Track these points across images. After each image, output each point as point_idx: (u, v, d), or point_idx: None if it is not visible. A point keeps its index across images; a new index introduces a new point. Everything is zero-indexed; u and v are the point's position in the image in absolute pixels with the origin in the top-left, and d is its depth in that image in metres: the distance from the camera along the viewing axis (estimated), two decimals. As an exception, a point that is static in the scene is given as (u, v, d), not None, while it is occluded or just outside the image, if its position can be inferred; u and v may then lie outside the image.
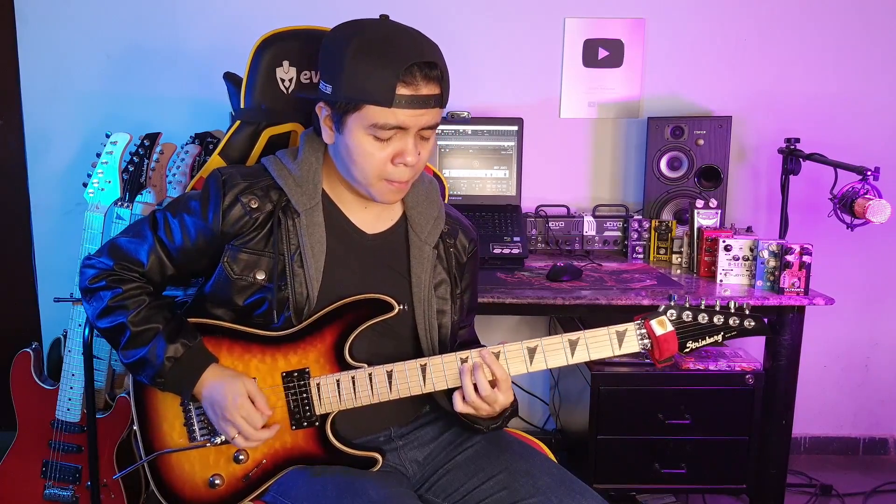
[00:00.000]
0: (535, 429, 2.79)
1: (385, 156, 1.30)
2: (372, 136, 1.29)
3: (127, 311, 1.37)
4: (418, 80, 1.26)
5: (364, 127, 1.28)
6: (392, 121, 1.27)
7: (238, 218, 1.36)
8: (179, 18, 2.54)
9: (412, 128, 1.29)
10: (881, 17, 2.58)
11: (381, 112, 1.26)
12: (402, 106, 1.25)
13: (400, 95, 1.25)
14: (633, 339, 1.32)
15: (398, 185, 1.34)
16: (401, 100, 1.25)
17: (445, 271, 1.46)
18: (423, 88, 1.26)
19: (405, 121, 1.27)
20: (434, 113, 1.30)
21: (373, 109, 1.26)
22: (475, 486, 1.37)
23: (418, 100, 1.26)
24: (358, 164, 1.32)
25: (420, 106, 1.27)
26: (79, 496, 2.17)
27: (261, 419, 1.32)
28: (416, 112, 1.27)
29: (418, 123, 1.29)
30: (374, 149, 1.30)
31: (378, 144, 1.29)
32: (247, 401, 1.32)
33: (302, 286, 1.36)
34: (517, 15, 2.58)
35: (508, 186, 2.50)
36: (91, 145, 2.37)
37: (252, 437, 1.33)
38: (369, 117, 1.27)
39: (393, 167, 1.31)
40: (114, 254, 1.41)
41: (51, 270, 2.65)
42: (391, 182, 1.33)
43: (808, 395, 2.65)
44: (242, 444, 1.33)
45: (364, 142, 1.30)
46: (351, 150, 1.31)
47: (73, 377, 2.12)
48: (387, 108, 1.25)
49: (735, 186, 2.62)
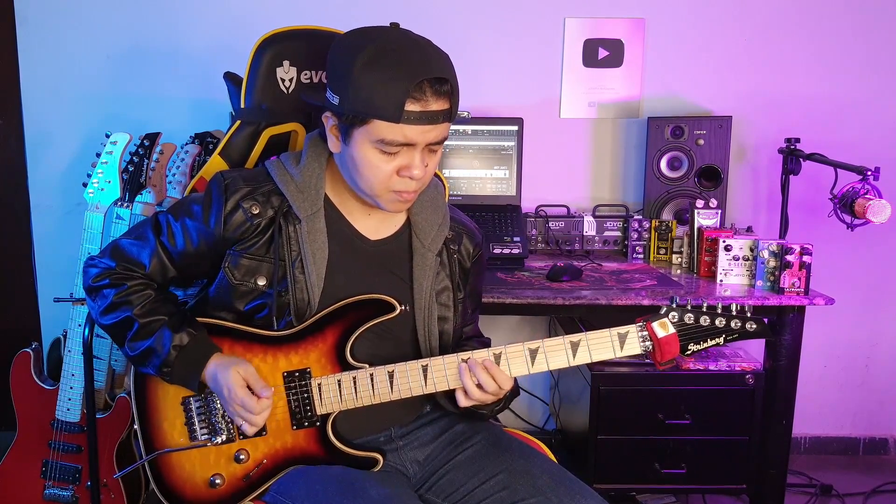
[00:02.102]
0: (535, 429, 2.79)
1: (391, 168, 1.29)
2: (378, 150, 1.28)
3: (132, 305, 1.38)
4: (428, 96, 1.24)
5: (371, 141, 1.27)
6: (399, 137, 1.25)
7: (239, 224, 1.36)
8: (180, 18, 2.53)
9: (420, 143, 1.28)
10: (881, 18, 2.58)
11: (388, 128, 1.24)
12: (411, 122, 1.24)
13: (409, 112, 1.23)
14: (634, 341, 1.32)
15: (405, 196, 1.34)
16: (409, 116, 1.23)
17: (448, 278, 1.46)
18: (433, 104, 1.25)
19: (413, 137, 1.26)
20: (443, 128, 1.29)
21: (380, 124, 1.25)
22: (475, 486, 1.37)
23: (427, 116, 1.25)
24: (364, 176, 1.31)
25: (429, 122, 1.25)
26: (79, 496, 2.17)
27: (257, 405, 1.31)
28: (424, 128, 1.25)
29: (426, 139, 1.28)
30: (381, 161, 1.29)
31: (384, 157, 1.28)
32: (239, 390, 1.31)
33: (303, 292, 1.36)
34: (517, 15, 2.58)
35: (508, 186, 2.50)
36: (91, 145, 2.37)
37: (256, 423, 1.33)
38: (376, 132, 1.25)
39: (399, 179, 1.30)
40: (116, 255, 1.42)
41: (51, 270, 2.64)
42: (398, 193, 1.32)
43: (808, 395, 2.65)
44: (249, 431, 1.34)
45: (370, 155, 1.28)
46: (357, 162, 1.30)
47: (73, 377, 2.12)
48: (395, 124, 1.24)
49: (735, 186, 2.62)
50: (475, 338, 1.57)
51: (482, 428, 1.47)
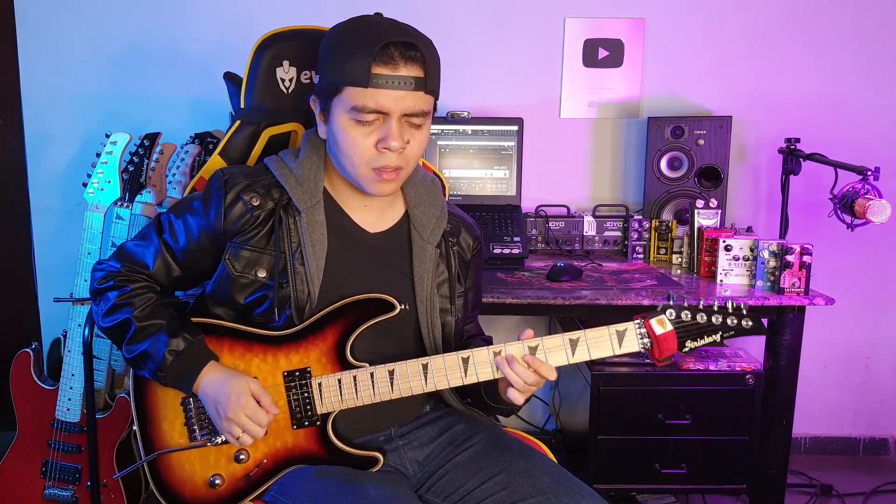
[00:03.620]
0: (535, 429, 2.80)
1: (370, 142, 1.30)
2: (354, 121, 1.29)
3: (133, 307, 1.39)
4: (396, 59, 1.25)
5: (346, 111, 1.28)
6: (371, 103, 1.26)
7: (240, 215, 1.37)
8: (179, 18, 2.54)
9: (394, 112, 1.28)
10: (882, 18, 2.58)
11: (359, 93, 1.26)
12: (380, 86, 1.25)
13: (376, 74, 1.25)
14: (633, 338, 1.32)
15: (388, 175, 1.33)
16: (378, 79, 1.25)
17: (448, 270, 1.46)
18: (402, 69, 1.26)
19: (385, 104, 1.27)
20: (417, 97, 1.29)
21: (352, 91, 1.27)
22: (475, 487, 1.37)
23: (396, 80, 1.26)
24: (345, 152, 1.32)
25: (399, 87, 1.26)
26: (79, 496, 2.17)
27: (267, 417, 1.32)
28: (395, 94, 1.26)
29: (400, 108, 1.28)
30: (358, 134, 1.29)
31: (361, 129, 1.29)
32: (251, 399, 1.32)
33: (303, 284, 1.36)
34: (517, 15, 2.58)
35: (508, 186, 2.50)
36: (91, 145, 2.37)
37: (258, 435, 1.33)
38: (350, 99, 1.27)
39: (379, 154, 1.31)
40: (121, 257, 1.43)
41: (51, 270, 2.65)
42: (380, 172, 1.32)
43: (808, 395, 2.65)
44: (248, 442, 1.34)
45: (347, 127, 1.30)
46: (338, 139, 1.32)
47: (72, 377, 2.12)
48: (364, 89, 1.25)
49: (735, 186, 2.62)
50: (477, 336, 1.58)
51: (482, 428, 1.47)
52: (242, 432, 1.32)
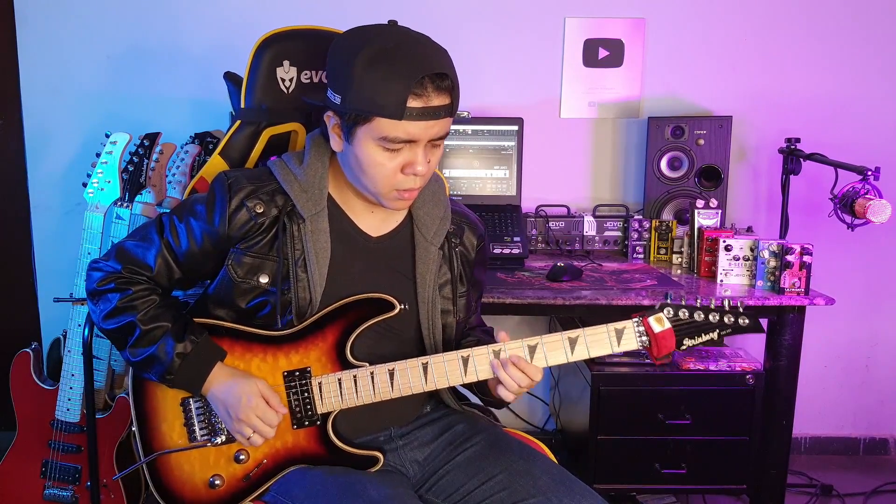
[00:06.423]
0: (535, 429, 2.79)
1: (395, 166, 1.30)
2: (382, 148, 1.28)
3: (136, 310, 1.38)
4: (429, 92, 1.24)
5: (374, 139, 1.27)
6: (402, 134, 1.26)
7: (244, 222, 1.36)
8: (179, 18, 2.53)
9: (423, 139, 1.28)
10: (882, 18, 2.58)
11: (391, 125, 1.25)
12: (413, 119, 1.24)
13: (411, 108, 1.23)
14: (631, 336, 1.33)
15: (408, 195, 1.34)
16: (412, 112, 1.24)
17: (450, 271, 1.46)
18: (434, 100, 1.25)
19: (416, 133, 1.26)
20: (444, 123, 1.29)
21: (383, 122, 1.25)
22: (475, 487, 1.37)
23: (429, 112, 1.25)
24: (368, 175, 1.31)
25: (431, 118, 1.26)
26: (78, 496, 2.17)
27: (276, 417, 1.33)
28: (426, 124, 1.26)
29: (429, 135, 1.28)
30: (384, 159, 1.29)
31: (388, 155, 1.29)
32: (261, 401, 1.32)
33: (305, 290, 1.36)
34: (517, 15, 2.58)
35: (508, 186, 2.50)
36: (91, 145, 2.37)
37: (269, 435, 1.34)
38: (379, 130, 1.26)
39: (403, 176, 1.31)
40: (121, 257, 1.41)
41: (51, 270, 2.64)
42: (401, 192, 1.33)
43: (808, 395, 2.65)
44: (259, 442, 1.34)
45: (374, 153, 1.29)
46: (361, 161, 1.31)
47: (72, 377, 2.12)
48: (397, 121, 1.24)
49: (735, 186, 2.62)
50: (479, 327, 1.59)
51: (482, 428, 1.47)
52: (253, 433, 1.33)
